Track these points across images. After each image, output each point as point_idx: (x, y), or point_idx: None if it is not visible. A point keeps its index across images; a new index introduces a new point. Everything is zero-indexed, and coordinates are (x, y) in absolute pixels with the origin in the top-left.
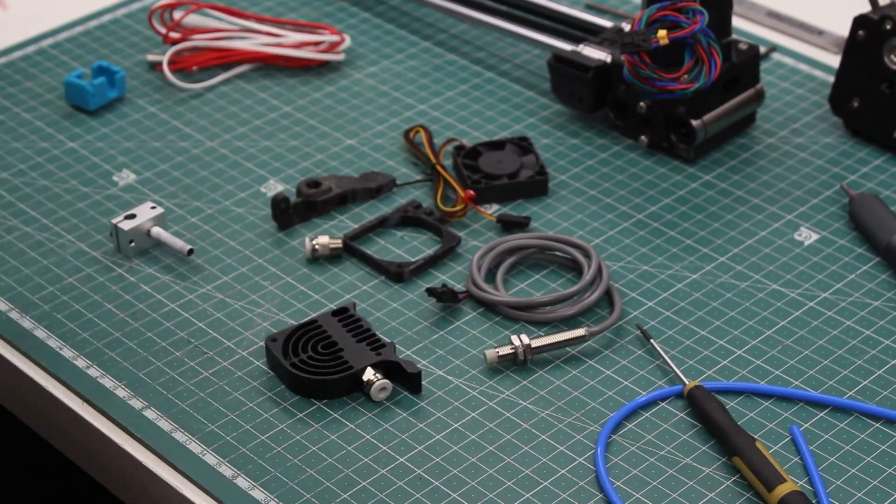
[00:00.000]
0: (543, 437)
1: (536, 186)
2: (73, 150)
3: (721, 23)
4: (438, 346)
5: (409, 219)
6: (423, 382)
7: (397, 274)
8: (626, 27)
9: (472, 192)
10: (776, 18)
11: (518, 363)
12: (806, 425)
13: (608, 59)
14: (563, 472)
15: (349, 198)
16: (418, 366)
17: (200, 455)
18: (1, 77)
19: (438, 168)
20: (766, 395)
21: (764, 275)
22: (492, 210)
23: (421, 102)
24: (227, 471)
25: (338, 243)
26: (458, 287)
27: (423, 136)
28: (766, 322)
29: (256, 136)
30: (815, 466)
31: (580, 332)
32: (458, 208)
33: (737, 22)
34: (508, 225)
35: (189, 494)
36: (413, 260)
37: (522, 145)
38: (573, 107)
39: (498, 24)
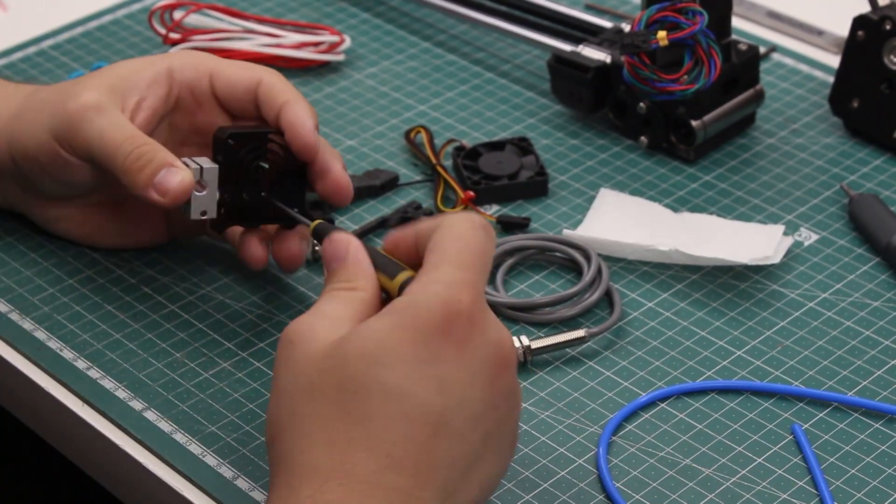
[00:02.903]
0: (544, 438)
1: (536, 187)
2: None
3: (721, 23)
4: None
5: (409, 220)
6: None
7: None
8: (626, 28)
9: (471, 194)
10: (776, 19)
11: (518, 364)
12: (806, 425)
13: (608, 59)
14: (564, 473)
15: (354, 196)
16: None
17: (201, 456)
18: (1, 78)
19: (439, 169)
20: (766, 395)
21: (764, 275)
22: (491, 211)
23: (421, 103)
24: (227, 472)
25: None
26: None
27: (423, 136)
28: (765, 322)
29: None
30: (818, 465)
31: (580, 333)
32: (458, 209)
33: (736, 22)
34: (508, 226)
35: (189, 496)
36: None
37: (522, 146)
38: (573, 107)
39: (498, 25)
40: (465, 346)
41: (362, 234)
